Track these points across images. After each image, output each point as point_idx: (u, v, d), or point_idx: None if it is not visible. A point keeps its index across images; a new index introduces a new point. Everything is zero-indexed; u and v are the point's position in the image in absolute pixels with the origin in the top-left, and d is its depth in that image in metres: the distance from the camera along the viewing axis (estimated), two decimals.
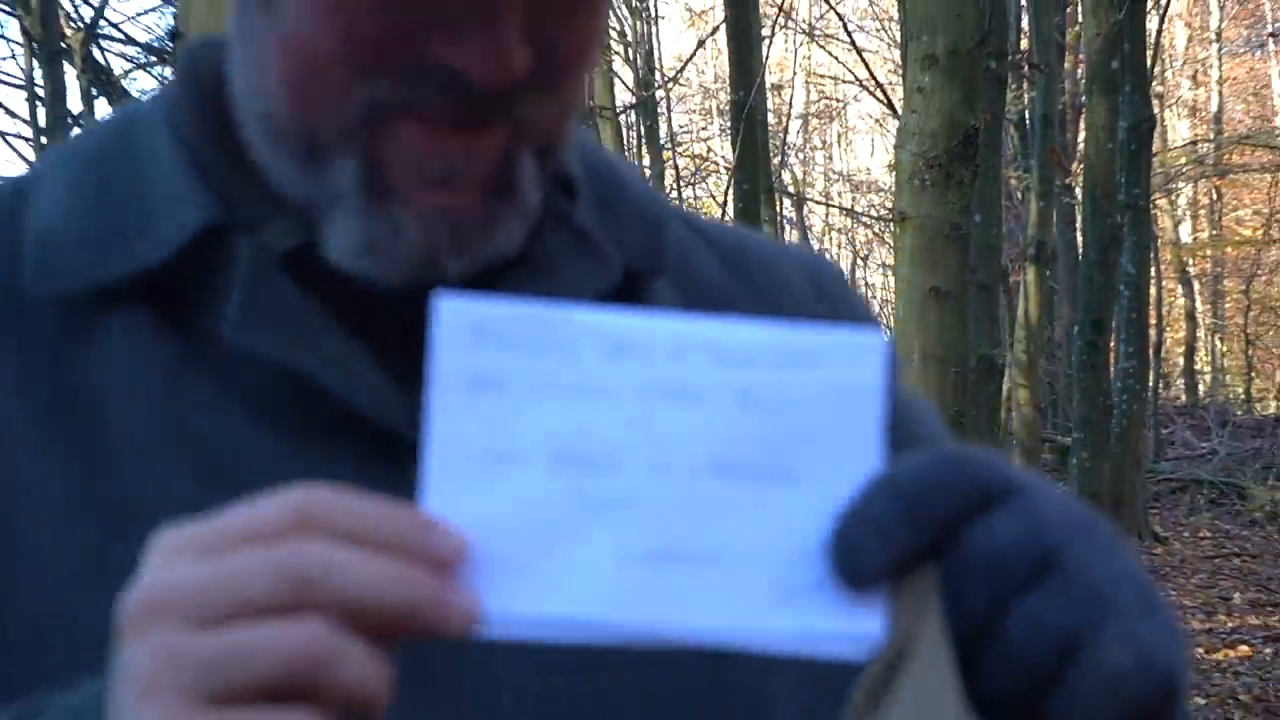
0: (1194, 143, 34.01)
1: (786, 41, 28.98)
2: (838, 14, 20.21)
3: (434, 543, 0.97)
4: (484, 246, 1.26)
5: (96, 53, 13.62)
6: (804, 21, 26.74)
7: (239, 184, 1.28)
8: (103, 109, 15.46)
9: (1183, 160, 31.79)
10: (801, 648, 1.00)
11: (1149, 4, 14.71)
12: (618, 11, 19.63)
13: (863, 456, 1.04)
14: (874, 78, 18.67)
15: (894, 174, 7.84)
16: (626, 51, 21.78)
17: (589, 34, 1.22)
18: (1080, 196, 15.81)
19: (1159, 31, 16.23)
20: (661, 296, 1.41)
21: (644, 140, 22.00)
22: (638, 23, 21.57)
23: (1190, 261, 35.54)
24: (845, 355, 1.08)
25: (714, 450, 1.05)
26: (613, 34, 19.57)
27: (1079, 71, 17.63)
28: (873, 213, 29.98)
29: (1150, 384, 19.10)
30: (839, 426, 1.06)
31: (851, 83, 27.29)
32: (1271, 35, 34.89)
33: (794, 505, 1.03)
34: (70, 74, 12.45)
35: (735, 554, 1.03)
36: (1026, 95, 17.30)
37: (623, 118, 19.29)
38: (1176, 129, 35.67)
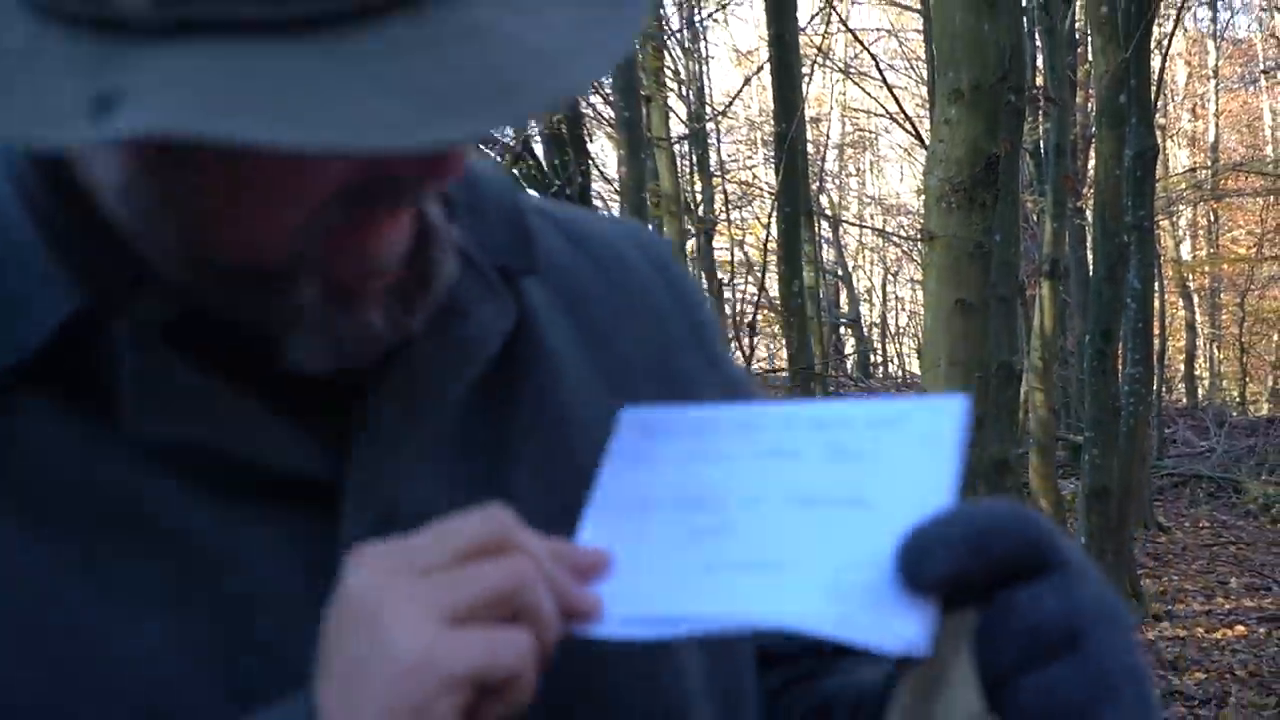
0: (1193, 170, 33.83)
1: (824, 79, 28.98)
2: (871, 54, 20.16)
3: (578, 554, 1.13)
4: (432, 296, 1.22)
5: None
6: (840, 61, 26.70)
7: (102, 258, 1.16)
8: None
9: (1183, 185, 31.65)
10: (851, 635, 1.03)
11: (1152, 44, 14.63)
12: (671, 52, 19.63)
13: (935, 491, 1.10)
14: (903, 111, 18.63)
15: (922, 198, 7.82)
16: (680, 88, 21.79)
17: None
18: (1090, 218, 15.75)
19: (1162, 69, 16.12)
20: (532, 296, 1.36)
21: (696, 168, 22.03)
22: (690, 62, 21.58)
23: (1190, 277, 35.41)
24: (929, 414, 1.16)
25: (799, 487, 1.14)
26: (668, 73, 19.55)
27: (1089, 105, 17.53)
28: (902, 233, 29.89)
29: (1154, 388, 19.00)
30: (915, 468, 1.12)
31: (883, 115, 27.18)
32: (1264, 73, 34.64)
33: (864, 524, 1.09)
34: None
35: (804, 560, 1.08)
36: (1042, 126, 17.22)
37: (677, 148, 19.25)
38: (1177, 157, 35.49)
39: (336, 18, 0.94)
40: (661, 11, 17.30)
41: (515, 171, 15.58)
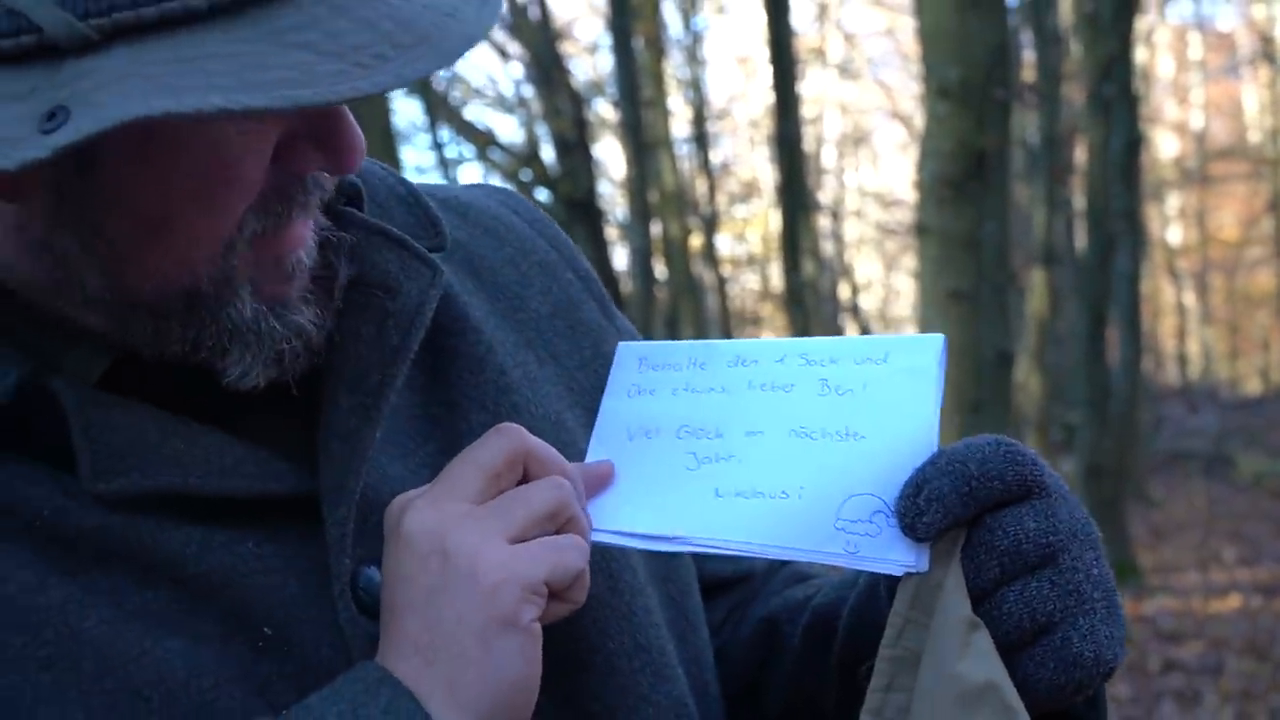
0: (1180, 157, 33.77)
1: (822, 78, 28.88)
2: (865, 56, 20.11)
3: (586, 467, 1.28)
4: (337, 297, 1.24)
5: None
6: (835, 61, 26.68)
7: (28, 324, 1.16)
8: None
9: (1170, 173, 31.59)
10: (858, 564, 1.18)
11: (1138, 37, 14.61)
12: (672, 59, 19.60)
13: (920, 422, 1.21)
14: (896, 108, 18.63)
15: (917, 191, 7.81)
16: (683, 91, 21.77)
17: None
18: (1081, 206, 15.72)
19: (1147, 61, 16.05)
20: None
21: (699, 168, 21.99)
22: (690, 66, 21.56)
23: (1179, 261, 35.30)
24: (910, 349, 1.26)
25: (796, 420, 1.25)
26: (671, 78, 19.54)
27: (1077, 97, 17.49)
28: (899, 226, 29.82)
29: (1146, 369, 18.95)
30: (901, 400, 1.22)
31: (878, 111, 27.20)
32: (1250, 64, 34.51)
33: (859, 455, 1.20)
34: None
35: (807, 490, 1.21)
36: (1031, 118, 17.18)
37: (680, 148, 19.27)
38: (1164, 145, 35.35)
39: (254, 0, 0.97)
40: (660, 17, 17.27)
41: (523, 175, 15.59)
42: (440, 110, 16.47)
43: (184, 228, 1.08)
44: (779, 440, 1.25)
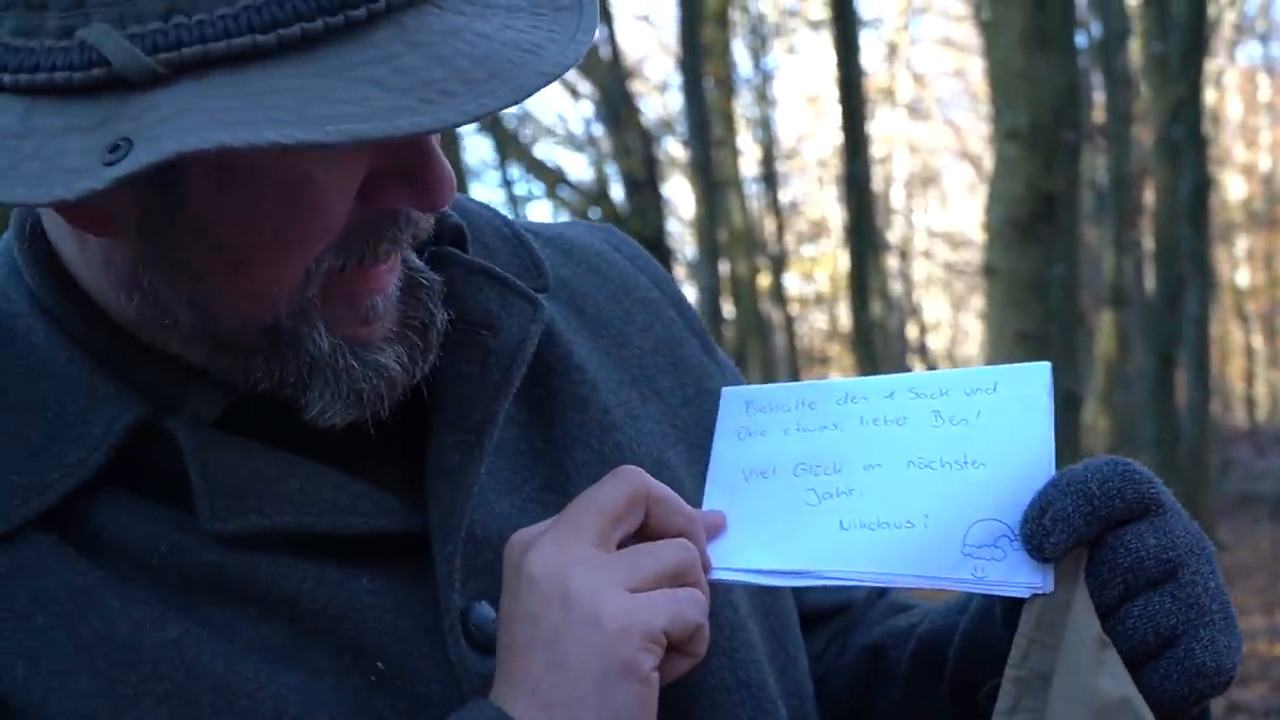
0: (1248, 200, 33.44)
1: (891, 117, 28.83)
2: (934, 96, 20.06)
3: (704, 514, 1.27)
4: (434, 341, 1.24)
5: None
6: (904, 101, 26.62)
7: (146, 365, 1.18)
8: None
9: (1238, 215, 31.28)
10: (986, 588, 1.19)
11: (1207, 79, 14.51)
12: (741, 98, 19.62)
13: (1037, 448, 1.23)
14: (965, 149, 18.56)
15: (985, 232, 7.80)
16: (751, 131, 21.78)
17: None
18: (1149, 248, 15.62)
19: (1217, 103, 15.94)
20: (548, 311, 1.37)
21: (768, 207, 21.97)
22: (760, 105, 21.57)
23: (1248, 303, 34.92)
24: (1018, 378, 1.27)
25: (913, 452, 1.27)
26: (741, 117, 19.56)
27: (1147, 139, 17.39)
28: (967, 266, 29.68)
29: (1214, 411, 18.75)
30: (1016, 427, 1.24)
31: (950, 149, 27.09)
32: None
33: (979, 482, 1.23)
34: None
35: (931, 519, 1.22)
36: (1101, 161, 17.08)
37: (749, 188, 19.26)
38: (1233, 187, 35.02)
39: (325, 35, 0.97)
40: (730, 57, 17.31)
41: (592, 213, 15.64)
42: (510, 148, 16.54)
43: (266, 263, 1.09)
44: (898, 472, 1.26)
